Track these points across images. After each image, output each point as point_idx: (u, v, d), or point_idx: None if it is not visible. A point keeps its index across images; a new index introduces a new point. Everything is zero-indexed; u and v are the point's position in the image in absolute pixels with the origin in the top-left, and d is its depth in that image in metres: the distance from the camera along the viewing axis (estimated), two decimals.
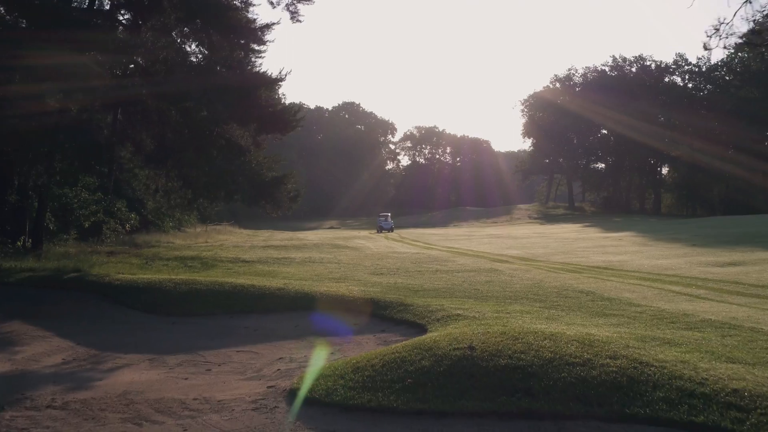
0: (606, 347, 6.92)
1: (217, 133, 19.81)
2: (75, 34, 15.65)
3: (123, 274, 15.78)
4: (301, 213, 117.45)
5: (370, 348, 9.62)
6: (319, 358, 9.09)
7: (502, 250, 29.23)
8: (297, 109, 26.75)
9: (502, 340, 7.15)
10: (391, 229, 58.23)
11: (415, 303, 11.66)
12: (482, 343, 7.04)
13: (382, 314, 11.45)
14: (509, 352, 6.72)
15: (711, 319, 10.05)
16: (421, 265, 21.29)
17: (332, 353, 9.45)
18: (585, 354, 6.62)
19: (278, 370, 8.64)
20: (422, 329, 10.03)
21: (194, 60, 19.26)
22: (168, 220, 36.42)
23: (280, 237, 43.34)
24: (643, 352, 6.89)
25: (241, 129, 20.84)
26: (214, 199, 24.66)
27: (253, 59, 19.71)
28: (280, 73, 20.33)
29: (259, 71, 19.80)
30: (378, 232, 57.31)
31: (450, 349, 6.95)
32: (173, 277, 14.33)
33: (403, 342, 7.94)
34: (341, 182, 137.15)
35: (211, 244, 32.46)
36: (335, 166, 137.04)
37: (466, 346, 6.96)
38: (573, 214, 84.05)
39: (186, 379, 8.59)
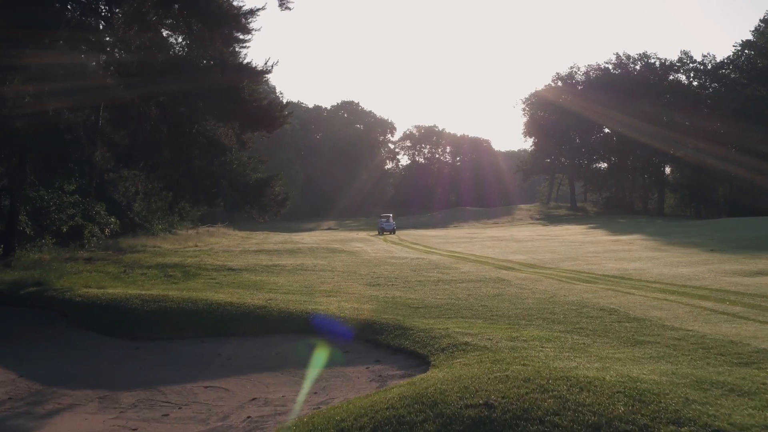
0: (662, 404, 5.34)
1: (197, 130, 18.18)
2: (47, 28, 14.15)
3: (90, 287, 14.19)
4: (299, 213, 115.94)
5: (361, 385, 8.05)
6: (298, 402, 7.52)
7: (507, 254, 27.65)
8: (284, 104, 24.86)
9: (527, 392, 5.57)
10: (393, 231, 55.82)
11: (415, 326, 10.09)
12: (502, 398, 5.46)
13: (376, 339, 9.87)
14: (539, 412, 5.14)
15: (765, 348, 8.48)
16: (421, 273, 19.73)
17: (316, 393, 7.88)
18: (639, 417, 5.04)
19: (248, 417, 7.08)
20: (424, 361, 8.46)
21: (173, 52, 17.57)
22: (157, 222, 34.86)
23: (275, 240, 41.78)
24: (712, 411, 5.32)
25: (224, 126, 19.19)
26: (195, 202, 22.96)
27: (237, 49, 18.07)
28: (265, 64, 18.69)
29: (242, 62, 18.13)
30: (379, 233, 55.03)
31: (461, 406, 5.36)
32: (143, 292, 12.74)
33: (401, 389, 6.35)
34: (340, 182, 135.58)
35: (201, 248, 30.88)
36: (334, 166, 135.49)
37: (482, 402, 5.38)
38: (576, 214, 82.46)
39: (135, 430, 7.02)
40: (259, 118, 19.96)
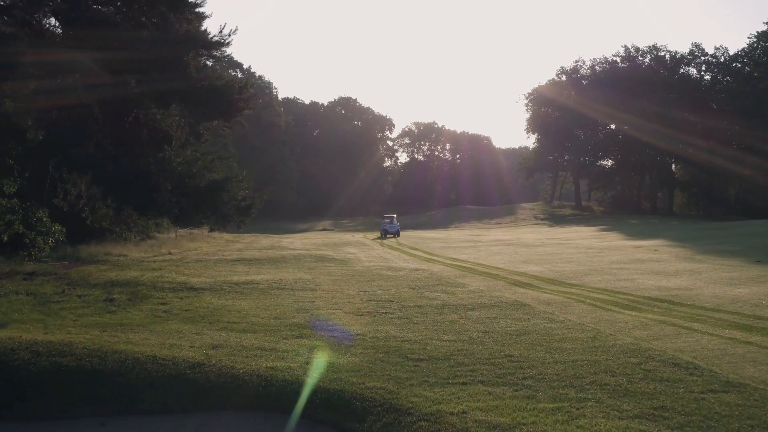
0: None
1: (136, 117, 14.66)
2: None
3: None
4: (295, 213, 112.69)
5: None
6: None
7: (519, 264, 24.31)
8: (244, 84, 20.72)
9: None
10: (397, 233, 50.44)
11: (416, 406, 6.71)
12: None
13: (352, 429, 6.50)
14: None
15: None
16: (421, 292, 16.39)
17: None
18: None
19: None
20: None
21: (102, 17, 14.10)
22: (123, 227, 31.47)
23: (261, 245, 38.39)
24: None
25: (176, 115, 15.65)
26: (141, 211, 19.29)
27: (187, 15, 14.54)
28: (220, 33, 15.11)
29: (188, 30, 14.59)
30: (382, 236, 49.91)
31: None
32: (38, 337, 9.32)
33: None
34: (337, 180, 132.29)
35: (172, 256, 27.45)
36: (331, 164, 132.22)
37: None
38: (582, 214, 79.11)
39: None
40: (211, 102, 16.11)
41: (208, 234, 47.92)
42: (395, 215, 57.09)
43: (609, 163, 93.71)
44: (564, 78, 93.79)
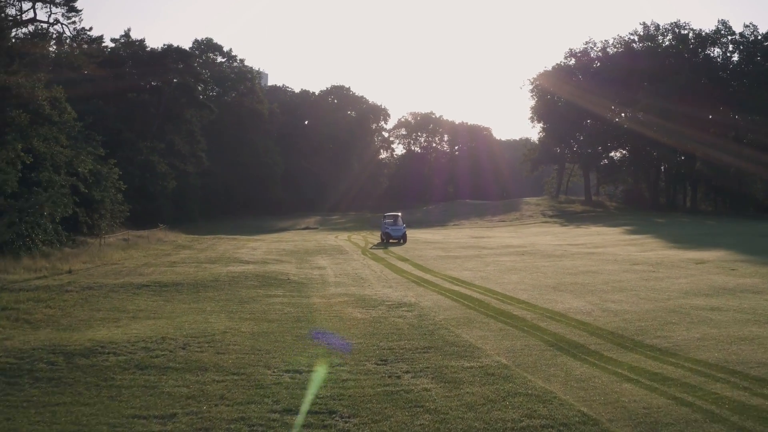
0: None
1: None
2: None
3: None
4: (282, 208, 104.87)
5: None
6: None
7: (548, 293, 16.81)
8: None
9: None
10: (403, 237, 38.65)
11: None
12: None
13: None
14: None
15: None
16: (394, 374, 8.87)
17: None
18: None
19: None
20: None
21: None
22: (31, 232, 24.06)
23: (211, 253, 30.73)
24: None
25: None
26: None
27: None
28: None
29: None
30: (383, 241, 39.16)
31: None
32: None
33: None
34: (328, 173, 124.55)
35: (63, 279, 19.80)
36: (322, 156, 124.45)
37: None
38: (595, 210, 71.47)
39: None
40: None
41: (160, 236, 40.36)
42: (399, 214, 44.73)
43: (618, 154, 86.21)
44: (573, 62, 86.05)
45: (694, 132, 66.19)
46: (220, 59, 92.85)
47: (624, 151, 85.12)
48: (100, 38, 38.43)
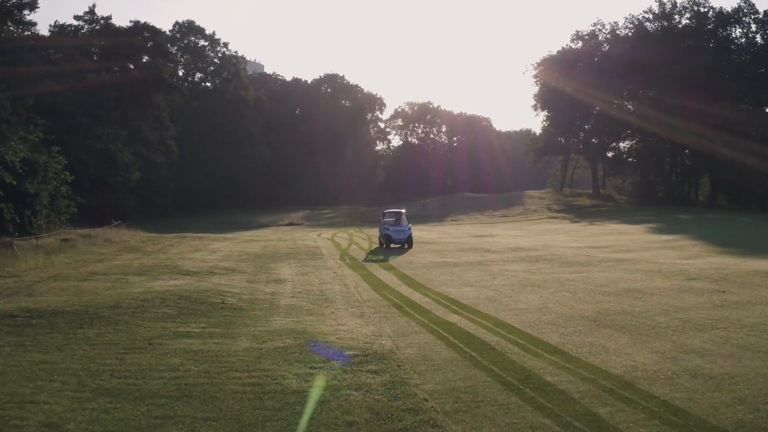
0: None
1: None
2: None
3: None
4: (271, 201, 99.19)
5: None
6: None
7: (595, 333, 11.38)
8: None
9: None
10: (407, 241, 30.16)
11: None
12: None
13: None
14: None
15: None
16: None
17: None
18: None
19: None
20: None
21: None
22: None
23: (163, 256, 25.22)
24: None
25: None
26: None
27: None
28: None
29: None
30: (383, 245, 30.49)
31: None
32: None
33: None
34: (319, 165, 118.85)
35: None
36: (313, 147, 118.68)
37: None
38: (605, 205, 65.90)
39: None
40: None
41: (114, 234, 34.77)
42: (403, 211, 35.18)
43: (627, 145, 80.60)
44: (579, 45, 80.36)
45: (714, 121, 60.64)
46: (202, 43, 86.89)
47: (633, 142, 79.43)
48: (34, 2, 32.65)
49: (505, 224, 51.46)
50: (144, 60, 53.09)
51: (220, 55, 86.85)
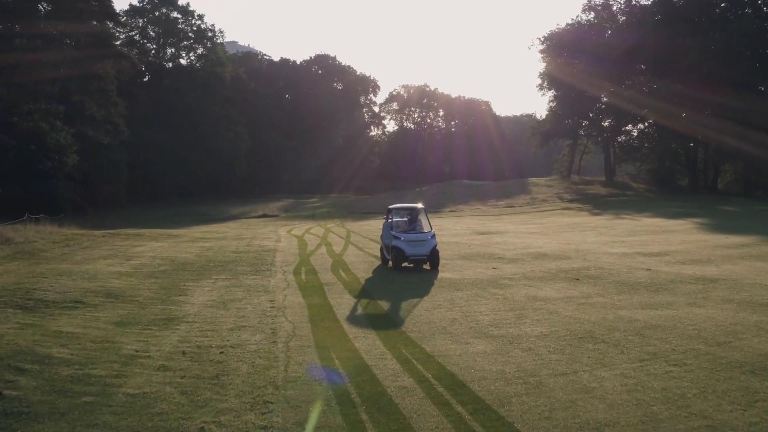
0: None
1: None
2: None
3: None
4: (257, 190, 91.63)
5: None
6: None
7: None
8: None
9: None
10: (432, 258, 17.90)
11: None
12: None
13: None
14: None
15: None
16: None
17: None
18: None
19: None
20: None
21: None
22: None
23: (54, 266, 17.75)
24: None
25: None
26: None
27: None
28: None
29: None
30: (390, 262, 18.43)
31: None
32: None
33: None
34: (309, 150, 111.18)
35: None
36: (302, 131, 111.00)
37: None
38: (624, 194, 58.43)
39: None
40: None
41: (7, 237, 27.20)
42: (421, 206, 20.51)
43: (642, 127, 73.03)
44: (592, 16, 72.65)
45: (751, 98, 53.23)
46: (175, 15, 78.68)
47: (648, 124, 71.73)
48: None
49: (512, 216, 44.05)
50: (89, 24, 45.22)
51: (195, 29, 78.81)
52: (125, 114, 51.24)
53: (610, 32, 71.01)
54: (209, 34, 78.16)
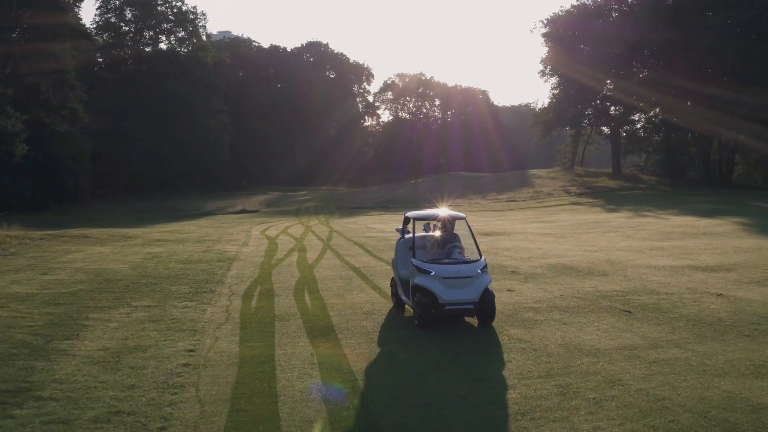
0: None
1: None
2: None
3: None
4: (245, 182, 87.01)
5: None
6: None
7: None
8: None
9: None
10: (484, 308, 10.29)
11: None
12: None
13: None
14: None
15: None
16: None
17: None
18: None
19: None
20: None
21: None
22: None
23: None
24: None
25: None
26: None
27: None
28: None
29: None
30: (411, 311, 11.05)
31: None
32: None
33: None
34: (299, 141, 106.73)
35: None
36: (292, 120, 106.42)
37: None
38: (636, 187, 54.04)
39: None
40: None
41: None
42: (461, 214, 11.51)
43: (651, 115, 68.68)
44: None
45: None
46: None
47: (660, 111, 67.33)
48: None
49: (517, 213, 39.73)
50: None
51: (175, 11, 73.89)
52: (85, 99, 46.61)
53: (617, 14, 66.64)
54: (191, 16, 73.32)
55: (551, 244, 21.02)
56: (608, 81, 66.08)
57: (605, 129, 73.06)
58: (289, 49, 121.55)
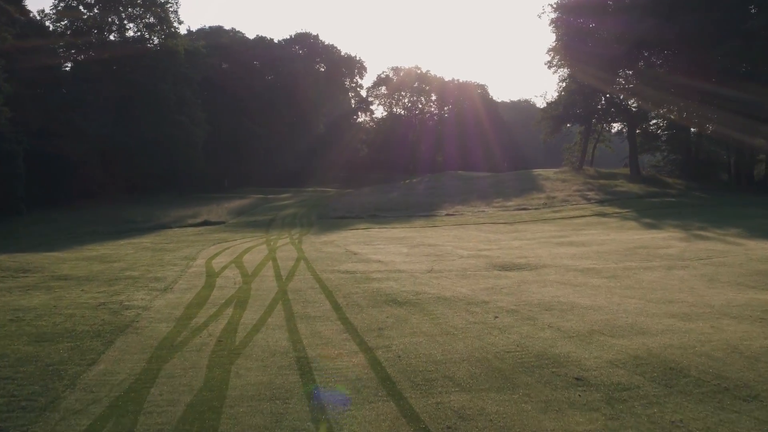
0: None
1: None
2: None
3: None
4: (220, 184, 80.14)
5: None
6: None
7: None
8: None
9: None
10: None
11: None
12: None
13: None
14: None
15: None
16: None
17: None
18: None
19: None
20: None
21: None
22: None
23: None
24: None
25: None
26: None
27: None
28: None
29: None
30: None
31: None
32: None
33: None
34: (286, 138, 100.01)
35: None
36: (277, 117, 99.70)
37: None
38: (665, 192, 47.33)
39: None
40: None
41: None
42: None
43: (668, 110, 62.08)
44: None
45: None
46: None
47: (677, 108, 60.76)
48: None
49: (533, 226, 32.90)
50: None
51: None
52: (10, 92, 39.61)
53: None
54: (159, 1, 66.13)
55: (609, 296, 14.06)
56: (629, 72, 59.40)
57: (617, 126, 66.44)
58: (276, 41, 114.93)
